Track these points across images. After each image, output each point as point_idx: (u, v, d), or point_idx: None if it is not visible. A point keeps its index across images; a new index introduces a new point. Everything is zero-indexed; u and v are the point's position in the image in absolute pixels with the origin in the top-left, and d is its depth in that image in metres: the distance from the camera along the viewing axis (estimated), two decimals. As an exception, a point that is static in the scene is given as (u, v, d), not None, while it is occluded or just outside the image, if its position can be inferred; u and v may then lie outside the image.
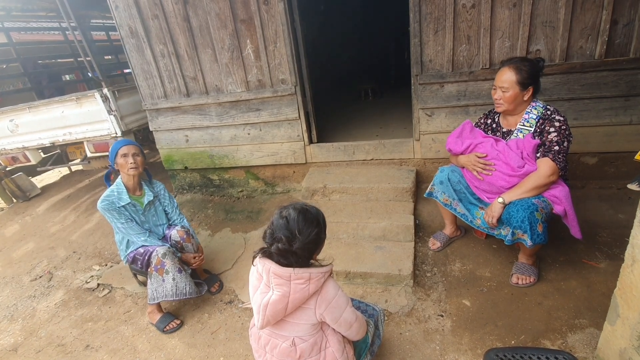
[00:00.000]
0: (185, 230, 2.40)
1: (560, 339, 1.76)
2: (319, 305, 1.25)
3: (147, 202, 2.34)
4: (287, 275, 1.19)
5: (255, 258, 1.30)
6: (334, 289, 1.28)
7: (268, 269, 1.22)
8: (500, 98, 1.96)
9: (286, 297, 1.20)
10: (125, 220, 2.22)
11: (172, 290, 2.17)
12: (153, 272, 2.17)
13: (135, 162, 2.20)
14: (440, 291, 2.17)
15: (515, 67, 1.90)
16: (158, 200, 2.44)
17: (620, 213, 2.56)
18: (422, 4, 2.60)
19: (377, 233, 2.58)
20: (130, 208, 2.27)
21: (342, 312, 1.29)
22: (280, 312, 1.23)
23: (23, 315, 2.59)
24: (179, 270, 2.19)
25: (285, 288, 1.20)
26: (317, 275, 1.22)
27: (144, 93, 3.50)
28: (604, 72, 2.49)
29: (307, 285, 1.21)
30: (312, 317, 1.27)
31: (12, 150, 4.09)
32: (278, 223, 1.23)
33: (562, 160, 1.88)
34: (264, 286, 1.25)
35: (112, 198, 2.20)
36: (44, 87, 5.67)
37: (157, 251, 2.17)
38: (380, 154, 3.22)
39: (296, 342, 1.30)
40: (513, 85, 1.91)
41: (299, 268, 1.20)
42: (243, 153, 3.53)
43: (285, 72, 3.10)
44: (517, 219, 1.84)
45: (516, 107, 1.98)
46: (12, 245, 3.68)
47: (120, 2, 3.15)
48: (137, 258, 2.25)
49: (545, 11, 2.44)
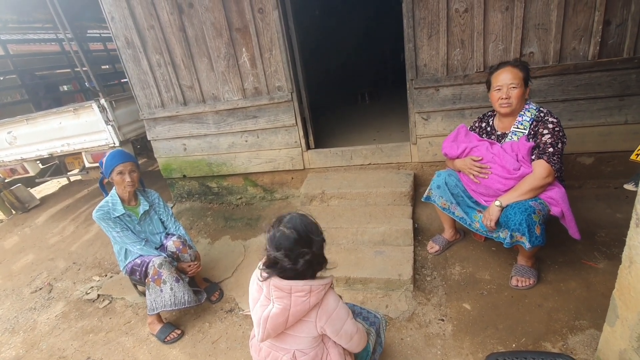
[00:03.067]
0: (182, 241, 2.39)
1: (560, 340, 1.76)
2: (319, 318, 1.24)
3: (143, 212, 2.34)
4: (288, 288, 1.18)
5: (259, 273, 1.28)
6: (334, 301, 1.27)
7: (268, 282, 1.21)
8: (509, 97, 1.94)
9: (287, 310, 1.19)
10: (120, 229, 2.22)
11: (171, 300, 2.16)
12: (150, 283, 2.17)
13: (132, 180, 2.20)
14: (440, 295, 2.17)
15: (519, 65, 1.94)
16: (154, 210, 2.44)
17: (618, 212, 2.57)
18: (415, 9, 2.62)
19: (377, 238, 2.58)
20: (125, 218, 2.27)
21: (343, 324, 1.29)
22: (280, 325, 1.22)
23: (24, 328, 2.58)
24: (177, 280, 2.18)
25: (285, 301, 1.19)
26: (318, 288, 1.21)
27: (141, 103, 3.51)
28: (597, 73, 2.51)
29: (308, 298, 1.19)
30: (312, 330, 1.26)
31: (10, 162, 4.10)
32: (280, 242, 1.19)
33: (557, 162, 1.89)
34: (264, 298, 1.24)
35: (107, 208, 2.21)
36: (41, 98, 5.68)
37: (154, 261, 2.16)
38: (377, 159, 3.23)
39: (297, 356, 1.29)
40: (521, 82, 1.92)
41: (300, 280, 1.20)
42: (241, 160, 3.54)
43: (281, 79, 3.11)
44: (514, 221, 1.85)
45: (521, 105, 1.99)
46: (12, 257, 3.67)
47: (116, 13, 3.17)
48: (135, 269, 2.24)
49: (537, 14, 2.46)
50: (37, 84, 5.76)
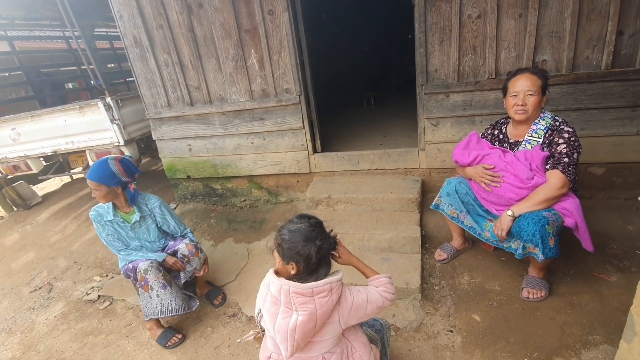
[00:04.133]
0: (194, 244, 2.31)
1: (574, 356, 1.71)
2: (342, 316, 1.23)
3: (134, 221, 2.25)
4: (309, 291, 1.15)
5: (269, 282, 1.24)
6: (349, 292, 1.26)
7: (287, 289, 1.16)
8: (525, 104, 1.90)
9: (313, 314, 1.16)
10: (107, 234, 2.20)
11: (157, 308, 2.11)
12: (139, 289, 2.13)
13: (97, 196, 2.12)
14: (449, 305, 2.12)
15: (538, 72, 1.91)
16: (150, 218, 2.31)
17: (629, 224, 2.52)
18: (427, 14, 2.60)
19: (383, 244, 2.54)
20: (119, 223, 2.22)
21: (365, 305, 1.26)
22: (310, 332, 1.18)
23: (22, 328, 2.53)
24: (163, 286, 2.11)
25: (310, 305, 1.15)
26: (337, 284, 1.20)
27: (148, 102, 3.49)
28: (610, 83, 2.48)
29: (330, 297, 1.18)
30: (337, 329, 1.24)
31: (13, 159, 4.07)
32: (294, 230, 1.22)
33: (572, 172, 1.85)
34: (285, 309, 1.18)
35: (101, 210, 2.20)
36: (46, 95, 5.67)
37: (140, 267, 2.11)
38: (385, 164, 3.20)
39: (326, 357, 1.27)
40: (538, 90, 1.89)
41: (318, 282, 1.17)
42: (246, 162, 3.50)
43: (289, 81, 3.09)
44: (528, 232, 1.80)
45: (536, 113, 1.95)
46: (12, 255, 3.63)
47: (125, 12, 3.15)
48: (128, 274, 2.20)
49: (551, 22, 2.44)
50: (43, 81, 5.74)
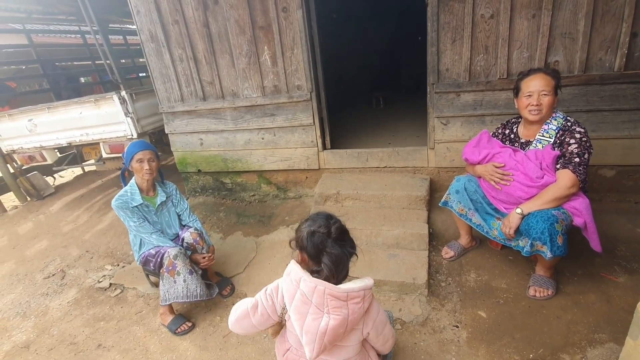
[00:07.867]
0: (199, 233, 2.40)
1: (579, 353, 1.72)
2: (366, 324, 1.24)
3: (160, 203, 2.36)
4: (344, 296, 1.15)
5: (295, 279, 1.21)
6: (377, 306, 1.28)
7: (322, 290, 1.14)
8: (540, 104, 1.91)
9: (345, 319, 1.15)
10: (137, 219, 2.24)
11: (183, 292, 2.17)
12: (165, 274, 2.18)
13: (150, 168, 2.22)
14: (455, 301, 2.14)
15: (551, 72, 1.92)
16: (171, 201, 2.46)
17: (638, 227, 2.51)
18: (440, 13, 2.61)
19: (391, 241, 2.56)
20: (143, 209, 2.29)
21: (384, 327, 1.30)
22: (339, 336, 1.19)
23: (36, 313, 2.60)
24: (190, 272, 2.19)
25: (343, 310, 1.15)
26: (369, 293, 1.21)
27: (161, 96, 3.55)
28: (623, 85, 2.48)
29: (362, 304, 1.18)
30: (360, 337, 1.26)
31: (29, 149, 4.17)
32: (313, 222, 1.23)
33: (582, 172, 1.86)
34: (316, 310, 1.15)
35: (125, 197, 2.23)
36: (61, 89, 5.79)
37: (169, 252, 2.18)
38: (393, 162, 3.22)
39: None
40: (552, 90, 1.90)
41: (354, 287, 1.18)
42: (256, 157, 3.55)
43: (301, 78, 3.12)
44: (536, 230, 1.82)
45: (549, 113, 1.96)
46: (26, 243, 3.72)
47: (142, 7, 3.22)
48: (149, 260, 2.25)
49: (564, 22, 2.44)
50: (59, 74, 5.87)
